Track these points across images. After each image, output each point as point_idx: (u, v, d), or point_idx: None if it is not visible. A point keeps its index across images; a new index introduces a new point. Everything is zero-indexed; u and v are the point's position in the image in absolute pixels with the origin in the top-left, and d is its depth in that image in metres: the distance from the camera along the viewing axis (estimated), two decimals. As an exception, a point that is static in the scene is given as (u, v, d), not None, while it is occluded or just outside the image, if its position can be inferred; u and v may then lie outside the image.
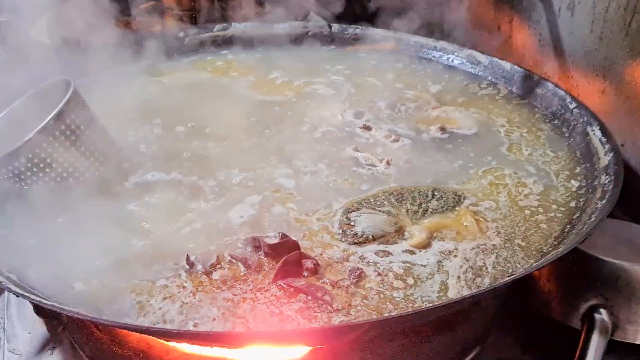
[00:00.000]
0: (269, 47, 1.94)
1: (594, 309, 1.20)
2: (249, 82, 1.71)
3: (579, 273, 1.20)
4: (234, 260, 1.03)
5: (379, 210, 1.16)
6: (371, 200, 1.19)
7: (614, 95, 1.61)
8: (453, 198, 1.21)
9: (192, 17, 2.32)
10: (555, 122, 1.51)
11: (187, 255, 1.02)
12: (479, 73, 1.76)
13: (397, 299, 0.97)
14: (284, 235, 1.07)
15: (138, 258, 1.02)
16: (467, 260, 1.05)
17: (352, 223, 1.12)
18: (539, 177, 1.29)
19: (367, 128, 1.47)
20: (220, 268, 1.02)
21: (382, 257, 1.05)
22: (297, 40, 1.98)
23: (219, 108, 1.55)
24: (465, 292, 0.98)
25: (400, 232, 1.11)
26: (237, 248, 1.06)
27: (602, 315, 1.18)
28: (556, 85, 1.57)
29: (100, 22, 1.68)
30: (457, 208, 1.18)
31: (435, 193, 1.22)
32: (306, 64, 1.85)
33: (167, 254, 1.03)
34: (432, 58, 1.85)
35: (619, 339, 1.18)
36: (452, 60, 1.83)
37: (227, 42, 1.94)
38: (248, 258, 1.03)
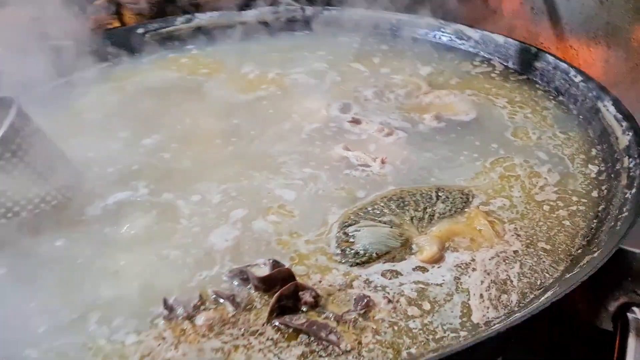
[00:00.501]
0: (238, 37, 1.77)
1: (625, 307, 1.07)
2: (221, 79, 1.54)
3: (605, 268, 1.07)
4: (220, 299, 0.88)
5: (380, 221, 1.01)
6: (369, 209, 1.05)
7: (619, 63, 1.48)
8: (460, 198, 1.07)
9: (152, 10, 2.13)
10: (561, 98, 1.38)
11: (165, 299, 0.86)
12: (470, 49, 1.62)
13: (414, 330, 0.83)
14: (275, 263, 0.92)
15: (105, 309, 0.86)
16: (488, 274, 0.91)
17: (351, 240, 0.98)
18: (552, 164, 1.16)
19: (356, 122, 1.32)
20: (204, 309, 0.87)
21: (390, 278, 0.91)
22: (268, 27, 1.81)
23: (191, 112, 1.38)
24: (492, 314, 0.85)
25: (407, 245, 0.97)
26: (222, 282, 0.91)
27: (637, 314, 1.05)
28: (557, 58, 1.43)
29: (51, 23, 1.51)
30: (466, 209, 1.05)
31: (440, 194, 1.08)
32: (281, 53, 1.69)
33: (140, 298, 0.88)
34: (418, 36, 1.71)
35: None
36: (440, 38, 1.68)
37: (191, 35, 1.76)
38: (236, 294, 0.89)
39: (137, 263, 0.95)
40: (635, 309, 1.06)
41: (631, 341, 1.03)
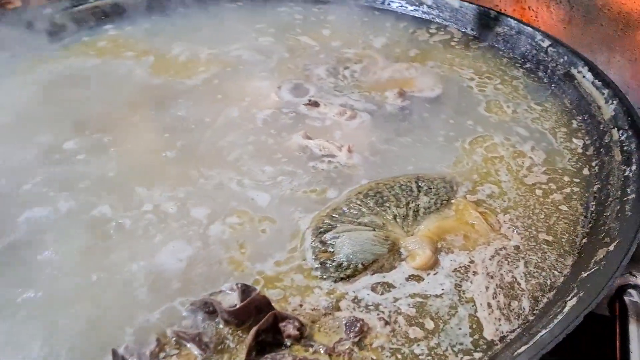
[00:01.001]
0: (161, 13, 1.55)
1: (622, 290, 1.00)
2: (148, 63, 1.33)
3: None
4: (183, 341, 0.72)
5: (360, 223, 0.88)
6: (345, 209, 0.90)
7: (583, 24, 1.39)
8: (444, 187, 0.95)
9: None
10: (528, 65, 1.28)
11: (114, 350, 0.69)
12: (424, 16, 1.49)
13: (421, 357, 0.70)
14: (244, 288, 0.77)
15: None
16: (492, 277, 0.80)
17: (330, 249, 0.84)
18: (535, 140, 1.06)
19: (313, 104, 1.16)
20: (165, 357, 0.70)
21: (382, 293, 0.78)
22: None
23: (122, 106, 1.17)
24: (505, 327, 0.73)
25: (394, 250, 0.84)
26: (182, 318, 0.75)
27: (634, 297, 0.98)
28: (520, 21, 1.33)
29: None
30: (452, 201, 0.93)
31: (421, 184, 0.95)
32: (213, 28, 1.50)
33: (81, 352, 0.70)
34: (365, 4, 1.55)
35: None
36: (389, 4, 1.54)
37: (108, 13, 1.53)
38: (202, 333, 0.73)
39: (70, 303, 0.77)
40: (632, 291, 0.98)
41: (633, 327, 0.95)
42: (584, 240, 0.84)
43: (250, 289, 0.77)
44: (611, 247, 0.76)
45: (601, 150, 1.00)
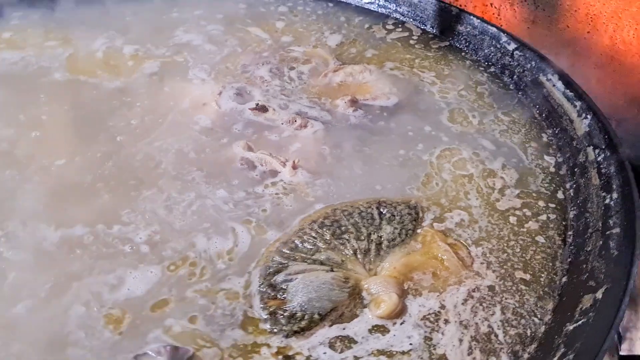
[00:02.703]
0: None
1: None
2: (68, 58, 1.16)
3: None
4: None
5: (315, 261, 0.76)
6: (297, 242, 0.78)
7: (547, 25, 1.31)
8: (409, 214, 0.84)
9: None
10: (492, 70, 1.18)
11: None
12: (380, 10, 1.37)
13: None
14: (173, 352, 0.64)
15: None
16: (466, 327, 0.70)
17: (281, 295, 0.71)
18: (505, 157, 0.96)
19: (261, 109, 1.03)
20: None
21: (341, 351, 0.67)
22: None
23: (28, 114, 1.00)
24: (484, 392, 0.63)
25: (355, 293, 0.73)
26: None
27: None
28: (484, 21, 1.23)
29: None
30: (418, 230, 0.82)
31: (383, 210, 0.84)
32: (137, 15, 1.32)
33: None
34: (318, -6, 1.42)
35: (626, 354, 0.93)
36: (343, -5, 1.41)
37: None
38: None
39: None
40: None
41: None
42: (564, 279, 0.75)
43: (181, 352, 0.64)
44: (599, 294, 0.67)
45: (575, 170, 0.91)
